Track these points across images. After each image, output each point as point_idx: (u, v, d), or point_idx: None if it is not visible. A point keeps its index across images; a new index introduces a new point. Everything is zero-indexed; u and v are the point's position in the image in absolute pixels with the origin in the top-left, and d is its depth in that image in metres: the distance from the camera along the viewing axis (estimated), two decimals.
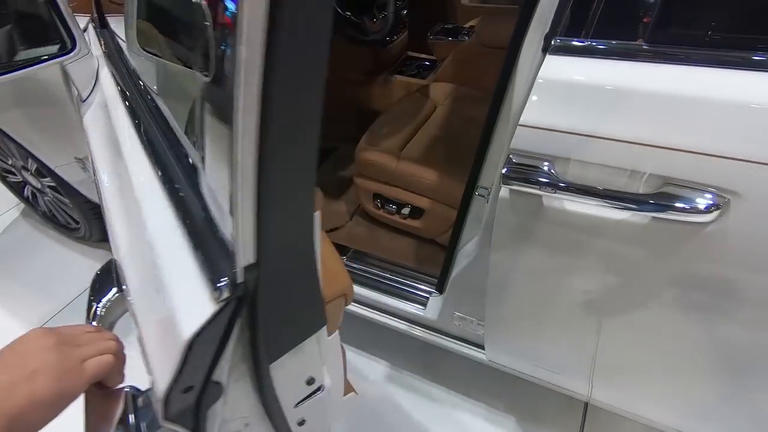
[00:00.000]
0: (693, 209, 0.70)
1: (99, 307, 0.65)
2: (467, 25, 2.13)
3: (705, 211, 0.70)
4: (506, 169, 0.80)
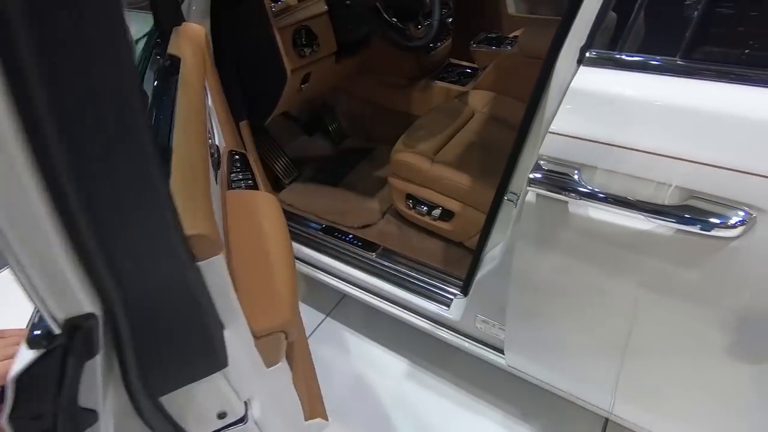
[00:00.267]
0: (722, 224, 0.71)
1: None
2: (511, 35, 2.14)
3: (731, 227, 0.70)
4: (534, 174, 0.83)
